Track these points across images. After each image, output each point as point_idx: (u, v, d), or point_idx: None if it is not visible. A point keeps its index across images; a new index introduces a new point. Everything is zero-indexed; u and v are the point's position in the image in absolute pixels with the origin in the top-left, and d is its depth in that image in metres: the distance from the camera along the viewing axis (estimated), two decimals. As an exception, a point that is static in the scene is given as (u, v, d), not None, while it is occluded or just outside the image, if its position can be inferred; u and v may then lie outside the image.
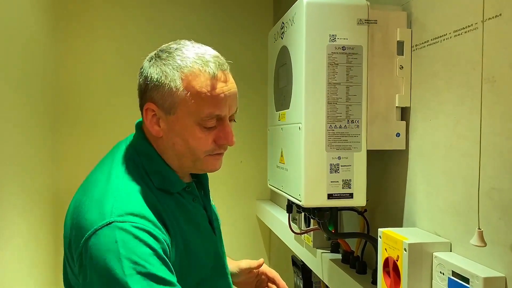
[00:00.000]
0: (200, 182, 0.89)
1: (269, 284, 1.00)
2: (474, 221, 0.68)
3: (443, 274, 0.69)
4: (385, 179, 0.95)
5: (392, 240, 0.76)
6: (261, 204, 1.96)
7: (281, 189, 0.99)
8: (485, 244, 0.58)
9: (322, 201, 0.84)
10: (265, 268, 1.01)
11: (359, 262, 0.99)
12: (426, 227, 0.81)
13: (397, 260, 0.75)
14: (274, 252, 2.01)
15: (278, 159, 1.02)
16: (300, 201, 0.84)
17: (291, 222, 1.24)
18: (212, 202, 0.93)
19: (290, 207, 1.11)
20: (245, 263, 0.99)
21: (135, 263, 0.66)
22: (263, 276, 1.02)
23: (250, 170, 2.01)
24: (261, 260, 0.98)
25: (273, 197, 2.00)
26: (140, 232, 0.68)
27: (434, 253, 0.72)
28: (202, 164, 0.79)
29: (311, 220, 1.19)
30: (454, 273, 0.67)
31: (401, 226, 0.89)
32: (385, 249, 0.79)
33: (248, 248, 2.00)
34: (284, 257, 1.63)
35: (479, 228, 0.57)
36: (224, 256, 0.89)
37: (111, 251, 0.66)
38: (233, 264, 0.99)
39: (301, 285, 1.38)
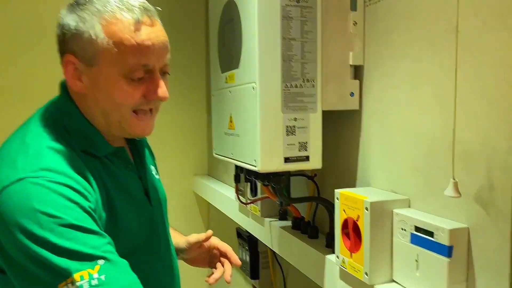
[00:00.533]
0: (136, 149, 0.81)
1: (221, 258, 0.95)
2: (434, 176, 0.68)
3: (405, 230, 0.69)
4: (337, 142, 0.93)
5: (351, 201, 0.75)
6: (199, 180, 1.89)
7: (231, 157, 0.93)
8: (460, 195, 0.57)
9: (278, 165, 0.79)
10: (217, 242, 0.95)
11: (311, 227, 0.97)
12: (381, 186, 0.80)
13: (357, 220, 0.74)
14: (214, 227, 1.96)
15: (226, 126, 0.96)
16: (256, 166, 0.79)
17: (238, 193, 1.19)
18: (157, 176, 0.85)
19: (238, 176, 1.06)
20: (194, 237, 0.92)
21: (54, 216, 0.58)
22: (215, 251, 0.96)
23: (186, 145, 1.92)
24: (210, 232, 0.92)
25: (211, 172, 1.94)
26: (58, 186, 0.60)
27: (394, 210, 0.72)
28: (129, 125, 0.71)
29: (258, 190, 1.16)
30: (417, 228, 0.66)
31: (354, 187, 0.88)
32: (343, 210, 0.77)
33: (186, 225, 1.93)
34: (226, 230, 1.58)
35: (453, 179, 0.57)
36: (164, 229, 0.82)
37: (24, 208, 0.58)
38: (182, 239, 0.92)
39: (247, 257, 1.35)
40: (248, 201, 1.15)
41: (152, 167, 0.85)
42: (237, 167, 1.00)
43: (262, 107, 0.77)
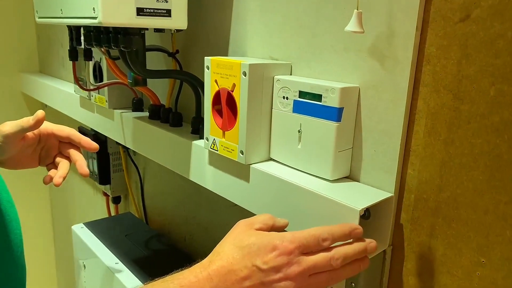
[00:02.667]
0: None
1: (71, 151, 0.71)
2: (321, 31, 0.57)
3: (287, 98, 0.58)
4: (204, 3, 0.76)
5: (225, 67, 0.60)
6: (29, 77, 1.52)
7: (61, 16, 0.68)
8: (363, 30, 0.47)
9: (129, 18, 0.59)
10: (50, 126, 0.70)
11: (173, 114, 0.82)
12: (259, 54, 0.68)
13: (232, 91, 0.60)
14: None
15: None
16: (96, 18, 0.57)
17: (78, 81, 0.94)
18: None
19: (74, 52, 0.81)
20: (10, 126, 0.64)
21: None
22: (51, 140, 0.71)
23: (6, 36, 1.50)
24: (40, 113, 0.63)
25: (45, 68, 1.58)
26: None
27: (275, 77, 0.60)
28: None
29: (104, 74, 0.93)
30: (302, 94, 0.56)
31: (225, 61, 0.74)
32: (215, 81, 0.63)
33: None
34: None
35: (358, 9, 0.46)
36: None
37: None
38: None
39: (95, 159, 1.14)
40: (94, 87, 0.92)
41: None
42: (71, 37, 0.75)
43: None
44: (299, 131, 0.57)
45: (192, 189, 0.94)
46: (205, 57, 0.64)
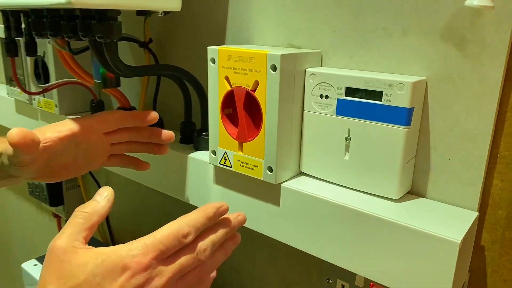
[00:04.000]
0: None
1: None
2: (365, 10, 0.45)
3: (327, 97, 0.45)
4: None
5: (243, 59, 0.46)
6: None
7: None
8: (494, 5, 0.35)
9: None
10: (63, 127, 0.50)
11: (152, 119, 0.65)
12: (272, 41, 0.54)
13: (254, 90, 0.46)
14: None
15: None
16: (63, -4, 0.40)
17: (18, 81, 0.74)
18: None
19: (14, 46, 0.61)
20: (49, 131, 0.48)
21: None
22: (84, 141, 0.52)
23: None
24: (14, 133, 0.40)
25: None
26: None
27: (307, 70, 0.47)
28: None
29: (51, 73, 0.73)
30: (351, 91, 0.44)
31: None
32: (226, 78, 0.48)
33: None
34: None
35: None
36: None
37: None
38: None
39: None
40: (44, 89, 0.72)
41: None
42: (8, 26, 0.56)
43: None
44: (346, 139, 0.45)
45: (175, 207, 0.78)
46: (209, 47, 0.49)
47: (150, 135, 0.54)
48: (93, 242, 0.93)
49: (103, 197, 0.38)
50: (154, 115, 0.52)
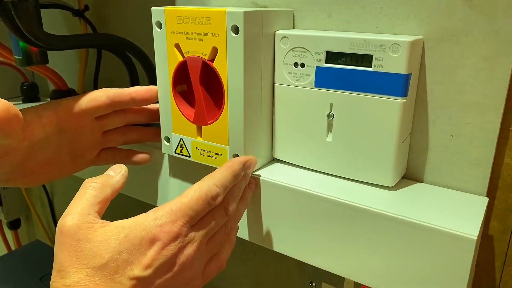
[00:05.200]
0: None
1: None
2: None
3: (303, 66, 0.37)
4: None
5: (196, 21, 0.36)
6: None
7: None
8: None
9: None
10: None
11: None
12: (235, 0, 0.44)
13: (212, 60, 0.37)
14: None
15: None
16: None
17: None
18: None
19: None
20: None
21: None
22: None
23: None
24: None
25: None
26: None
27: (277, 32, 0.38)
28: None
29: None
30: (333, 56, 0.35)
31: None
32: (177, 46, 0.38)
33: None
34: None
35: None
36: None
37: None
38: None
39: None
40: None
41: None
42: None
43: None
44: (328, 116, 0.37)
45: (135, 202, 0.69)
46: (153, 8, 0.39)
47: (151, 114, 0.44)
48: (41, 246, 0.79)
49: (118, 173, 0.34)
50: (155, 90, 0.42)
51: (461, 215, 0.32)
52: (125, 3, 0.54)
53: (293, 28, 0.41)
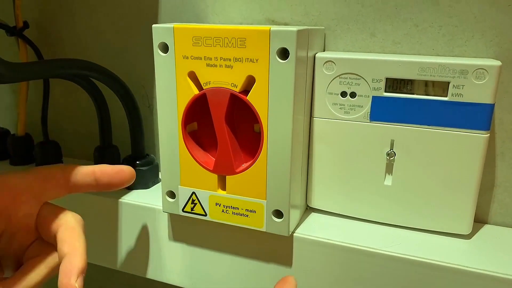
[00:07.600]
0: None
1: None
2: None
3: (353, 96, 0.30)
4: None
5: (221, 42, 0.28)
6: None
7: None
8: None
9: None
10: None
11: (42, 147, 0.42)
12: (239, 17, 0.36)
13: (245, 92, 0.28)
14: None
15: None
16: None
17: None
18: None
19: None
20: None
21: None
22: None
23: None
24: None
25: None
26: None
27: (317, 56, 0.31)
28: None
29: None
30: (394, 83, 0.29)
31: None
32: (190, 76, 0.29)
33: None
34: None
35: None
36: None
37: None
38: None
39: None
40: None
41: None
42: None
43: None
44: (388, 155, 0.30)
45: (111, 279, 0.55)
46: (155, 26, 0.29)
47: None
48: None
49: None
50: (132, 171, 0.31)
51: None
52: (78, 18, 0.42)
53: (324, 51, 0.34)
